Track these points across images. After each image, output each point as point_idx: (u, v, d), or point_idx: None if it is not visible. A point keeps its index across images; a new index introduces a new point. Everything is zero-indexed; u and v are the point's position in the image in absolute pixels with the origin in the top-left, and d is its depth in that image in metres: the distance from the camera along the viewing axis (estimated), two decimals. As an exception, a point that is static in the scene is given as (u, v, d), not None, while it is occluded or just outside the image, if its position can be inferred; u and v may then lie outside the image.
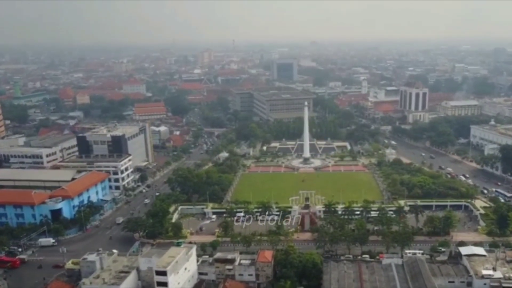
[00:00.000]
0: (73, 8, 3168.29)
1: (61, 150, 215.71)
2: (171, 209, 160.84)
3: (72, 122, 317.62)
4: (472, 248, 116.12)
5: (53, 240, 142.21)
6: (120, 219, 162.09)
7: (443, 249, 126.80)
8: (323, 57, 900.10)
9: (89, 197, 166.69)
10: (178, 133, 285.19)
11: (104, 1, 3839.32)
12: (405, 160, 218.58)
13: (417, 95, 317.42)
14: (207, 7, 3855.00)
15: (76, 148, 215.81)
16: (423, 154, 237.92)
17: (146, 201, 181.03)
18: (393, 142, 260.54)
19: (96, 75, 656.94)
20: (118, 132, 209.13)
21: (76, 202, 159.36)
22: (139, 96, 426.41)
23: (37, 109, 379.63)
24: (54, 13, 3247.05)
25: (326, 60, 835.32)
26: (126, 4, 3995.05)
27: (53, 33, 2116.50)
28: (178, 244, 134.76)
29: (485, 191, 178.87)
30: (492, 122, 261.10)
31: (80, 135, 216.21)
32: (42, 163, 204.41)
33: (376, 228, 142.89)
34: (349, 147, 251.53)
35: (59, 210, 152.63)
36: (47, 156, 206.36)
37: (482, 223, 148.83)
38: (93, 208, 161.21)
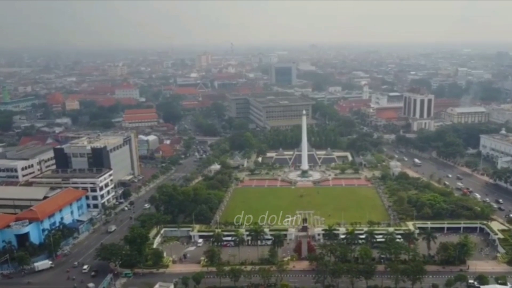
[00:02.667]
0: (73, 10, 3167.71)
1: (39, 163, 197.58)
2: (153, 232, 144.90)
3: (58, 130, 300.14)
4: (496, 287, 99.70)
5: (51, 262, 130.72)
6: (113, 228, 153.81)
7: (476, 284, 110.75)
8: (323, 60, 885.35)
9: (62, 218, 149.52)
10: (168, 142, 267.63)
11: (104, 3, 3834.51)
12: (412, 174, 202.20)
13: (422, 101, 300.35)
14: (206, 10, 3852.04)
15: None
16: (450, 176, 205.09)
17: (146, 205, 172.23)
18: (416, 160, 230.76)
19: (90, 79, 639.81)
20: (99, 144, 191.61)
21: (46, 224, 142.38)
22: (131, 101, 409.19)
23: (23, 115, 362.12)
24: (53, 15, 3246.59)
25: (325, 63, 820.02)
26: (127, 7, 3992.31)
27: (52, 35, 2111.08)
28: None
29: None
30: (503, 131, 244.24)
31: (58, 147, 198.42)
32: (17, 177, 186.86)
33: (382, 256, 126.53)
34: (350, 158, 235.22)
35: (26, 234, 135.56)
36: (22, 169, 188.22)
37: (501, 249, 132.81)
38: (66, 231, 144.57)
